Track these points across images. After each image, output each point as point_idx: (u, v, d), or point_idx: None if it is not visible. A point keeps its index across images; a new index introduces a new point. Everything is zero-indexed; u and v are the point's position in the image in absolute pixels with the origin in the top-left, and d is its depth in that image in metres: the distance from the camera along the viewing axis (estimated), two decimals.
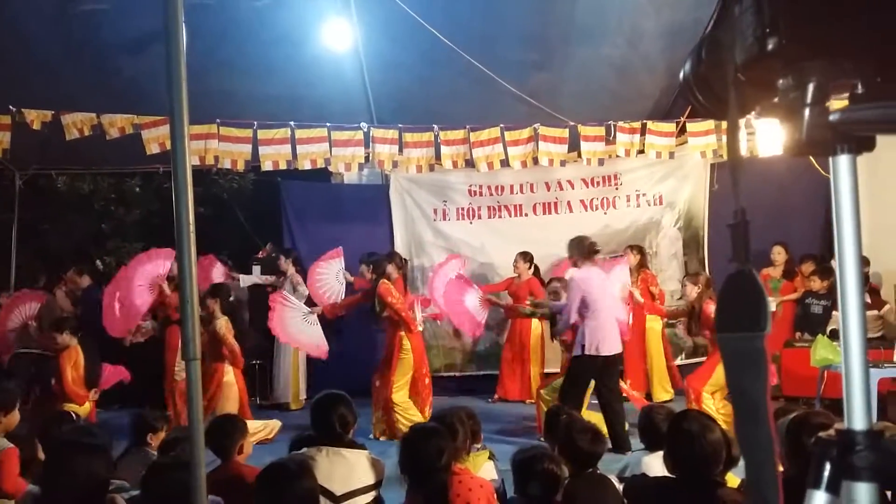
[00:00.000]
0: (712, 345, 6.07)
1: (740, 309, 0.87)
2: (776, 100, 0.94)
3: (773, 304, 7.25)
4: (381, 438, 6.41)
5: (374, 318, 6.78)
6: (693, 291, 6.03)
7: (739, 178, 0.92)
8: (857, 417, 0.91)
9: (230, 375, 6.25)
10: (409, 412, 6.35)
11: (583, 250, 5.95)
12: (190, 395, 2.62)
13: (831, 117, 0.87)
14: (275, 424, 6.28)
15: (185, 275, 2.62)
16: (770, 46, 0.88)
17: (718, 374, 5.83)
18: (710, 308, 5.87)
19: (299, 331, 7.10)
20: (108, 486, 2.97)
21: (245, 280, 8.30)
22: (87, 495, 2.80)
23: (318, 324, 7.16)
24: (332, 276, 7.86)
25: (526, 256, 7.78)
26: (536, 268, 7.88)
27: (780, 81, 0.91)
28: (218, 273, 8.07)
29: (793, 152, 0.91)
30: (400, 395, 6.42)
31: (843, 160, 0.91)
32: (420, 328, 6.65)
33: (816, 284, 7.36)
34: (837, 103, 0.90)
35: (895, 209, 7.10)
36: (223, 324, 6.20)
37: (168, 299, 6.83)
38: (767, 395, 0.85)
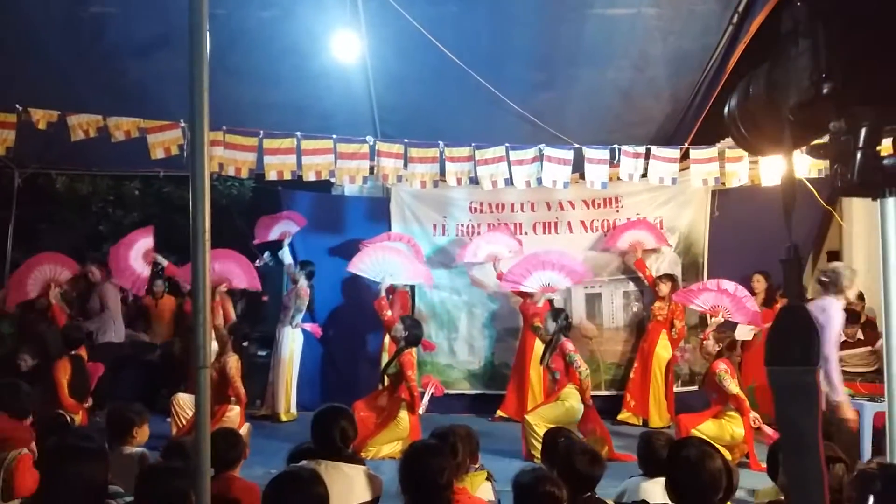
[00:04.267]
0: (714, 402, 6.16)
1: (791, 343, 0.87)
2: (826, 140, 0.96)
3: (751, 332, 7.35)
4: None
5: (382, 373, 6.75)
6: (713, 348, 6.13)
7: (792, 214, 0.93)
8: None
9: (234, 412, 6.18)
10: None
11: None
12: (198, 402, 2.61)
13: (885, 161, 0.89)
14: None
15: (198, 283, 2.62)
16: (825, 90, 0.89)
17: (709, 426, 5.90)
18: (719, 366, 6.03)
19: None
20: (107, 491, 2.95)
21: (286, 255, 8.28)
22: (85, 500, 2.76)
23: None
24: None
25: None
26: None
27: (833, 124, 0.93)
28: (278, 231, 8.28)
29: (843, 193, 0.93)
30: (372, 451, 6.37)
31: (891, 202, 0.93)
32: (422, 411, 6.59)
33: None
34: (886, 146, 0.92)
35: None
36: (234, 363, 6.14)
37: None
38: (818, 427, 0.87)
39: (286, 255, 8.26)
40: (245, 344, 6.54)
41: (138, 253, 7.61)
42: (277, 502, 2.71)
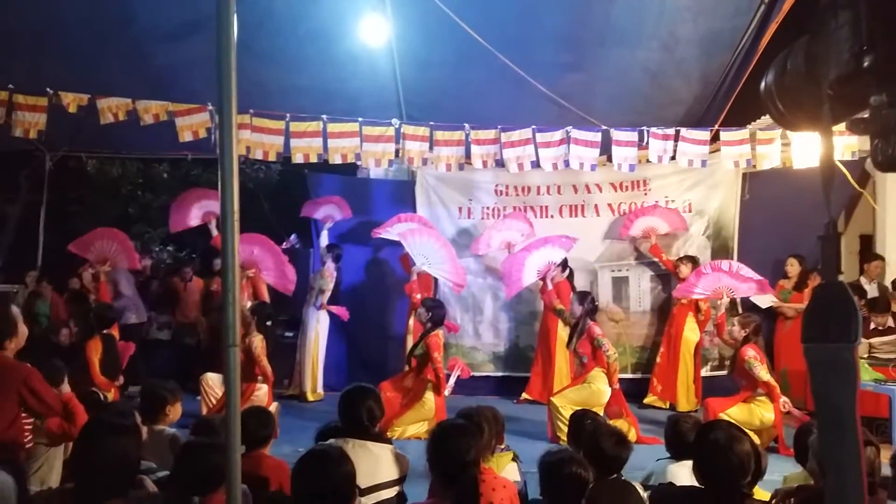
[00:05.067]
0: (743, 389, 6.10)
1: (829, 320, 0.86)
2: (866, 115, 0.94)
3: (770, 301, 7.60)
4: None
5: (409, 355, 6.80)
6: (739, 334, 6.07)
7: (831, 189, 0.91)
8: None
9: (262, 391, 6.27)
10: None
11: None
12: (228, 379, 2.64)
13: None
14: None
15: (227, 262, 2.64)
16: (866, 63, 0.87)
17: (738, 410, 5.84)
18: (747, 353, 5.95)
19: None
20: (139, 467, 3.00)
21: (323, 237, 8.40)
22: (118, 475, 2.81)
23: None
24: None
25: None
26: (571, 271, 7.88)
27: (873, 98, 0.91)
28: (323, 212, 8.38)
29: (883, 168, 0.91)
30: (397, 431, 6.38)
31: None
32: (447, 393, 6.61)
33: None
34: None
35: None
36: (259, 343, 6.22)
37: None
38: (856, 404, 0.85)
39: (324, 238, 8.36)
40: (269, 323, 6.61)
41: (206, 207, 7.89)
42: (306, 480, 2.74)
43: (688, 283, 7.08)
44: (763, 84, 1.07)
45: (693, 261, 7.76)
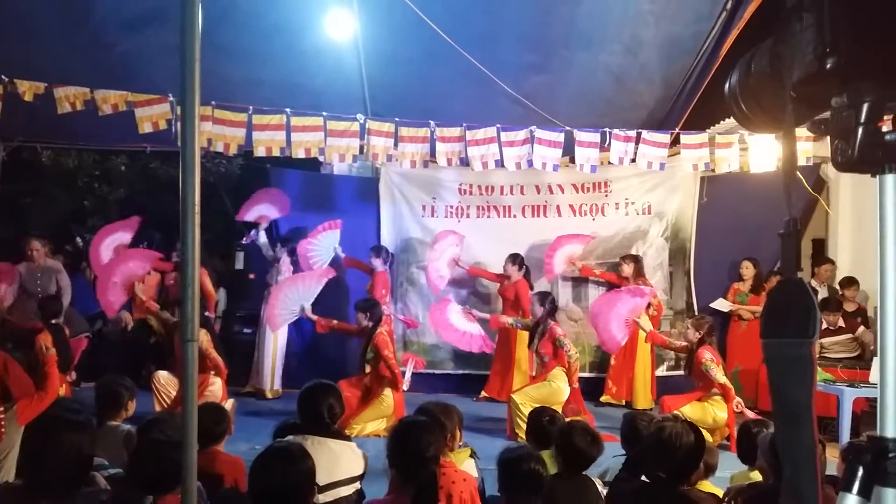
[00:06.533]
0: (699, 389, 6.20)
1: (788, 316, 0.88)
2: (827, 116, 0.96)
3: (729, 306, 7.76)
4: None
5: (361, 362, 6.71)
6: (694, 336, 6.16)
7: (792, 188, 0.93)
8: (890, 426, 0.93)
9: (216, 385, 6.17)
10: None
11: None
12: (186, 375, 2.60)
13: (887, 137, 0.89)
14: None
15: (187, 256, 2.59)
16: (829, 65, 0.89)
17: (692, 408, 5.95)
18: (704, 355, 6.03)
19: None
20: (92, 463, 2.94)
21: (261, 237, 8.20)
22: (72, 472, 2.75)
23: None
24: (324, 248, 7.95)
25: (516, 259, 7.82)
26: (528, 270, 7.92)
27: (835, 99, 0.93)
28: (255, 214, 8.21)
29: (843, 168, 0.93)
30: (356, 429, 6.34)
31: (890, 179, 0.93)
32: (405, 388, 6.58)
33: None
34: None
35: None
36: (203, 337, 6.10)
37: (142, 303, 6.86)
38: (812, 399, 0.87)
39: (260, 238, 8.17)
40: (206, 314, 6.50)
41: (117, 240, 7.58)
42: (265, 476, 2.72)
43: (605, 337, 6.87)
44: (727, 86, 1.09)
45: (635, 259, 7.86)
